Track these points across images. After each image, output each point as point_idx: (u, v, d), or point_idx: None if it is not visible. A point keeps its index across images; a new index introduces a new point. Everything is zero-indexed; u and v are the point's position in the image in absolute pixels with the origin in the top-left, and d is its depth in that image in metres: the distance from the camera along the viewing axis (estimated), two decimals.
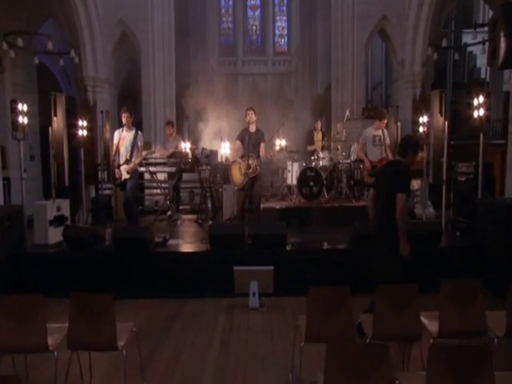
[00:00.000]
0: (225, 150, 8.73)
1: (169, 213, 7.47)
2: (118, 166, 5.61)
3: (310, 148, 7.65)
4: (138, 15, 9.51)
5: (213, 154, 7.23)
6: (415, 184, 8.44)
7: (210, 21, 22.41)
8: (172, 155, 7.08)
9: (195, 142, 10.12)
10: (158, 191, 7.88)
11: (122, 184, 5.60)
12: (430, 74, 9.30)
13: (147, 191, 8.86)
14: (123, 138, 5.63)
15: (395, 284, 2.65)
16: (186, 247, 5.26)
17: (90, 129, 7.60)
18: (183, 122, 13.36)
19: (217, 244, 4.95)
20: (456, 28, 9.75)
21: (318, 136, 7.81)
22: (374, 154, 5.74)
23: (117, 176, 5.58)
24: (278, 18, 25.70)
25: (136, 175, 5.70)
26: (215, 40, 23.09)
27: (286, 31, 25.63)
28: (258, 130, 5.81)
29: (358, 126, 8.47)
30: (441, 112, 5.61)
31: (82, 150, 7.11)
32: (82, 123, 7.04)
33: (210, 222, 7.00)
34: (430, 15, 8.71)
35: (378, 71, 12.16)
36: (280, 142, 7.46)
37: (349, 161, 7.36)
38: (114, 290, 4.86)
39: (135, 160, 5.57)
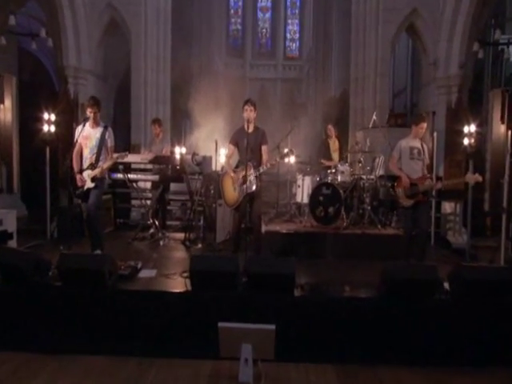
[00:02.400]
0: (222, 157, 7.59)
1: (151, 230, 6.27)
2: (81, 172, 4.40)
3: (325, 163, 6.38)
4: None
5: (206, 160, 6.03)
6: (448, 207, 7.19)
7: (218, 21, 21.41)
8: (155, 160, 5.87)
9: (191, 147, 8.99)
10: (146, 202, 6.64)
11: (84, 194, 4.38)
12: (468, 77, 8.06)
13: (134, 202, 7.64)
14: (87, 137, 4.44)
15: None
16: (160, 283, 4.00)
17: (59, 124, 6.46)
18: (180, 124, 12.22)
19: (200, 283, 3.71)
20: (495, 23, 8.54)
21: (335, 145, 6.57)
22: (412, 170, 4.50)
23: (78, 184, 4.38)
24: (289, 21, 24.78)
25: (103, 184, 4.49)
26: (222, 41, 22.10)
27: (297, 35, 24.70)
28: (257, 128, 4.53)
29: (382, 135, 7.24)
30: (503, 119, 4.36)
31: (47, 150, 5.95)
32: (49, 117, 5.89)
33: (200, 245, 5.81)
34: (472, 9, 7.53)
35: (401, 76, 10.96)
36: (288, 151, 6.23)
37: (373, 176, 6.12)
38: (55, 340, 3.71)
39: (103, 164, 4.37)
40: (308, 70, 20.33)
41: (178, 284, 3.93)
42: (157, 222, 6.20)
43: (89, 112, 4.36)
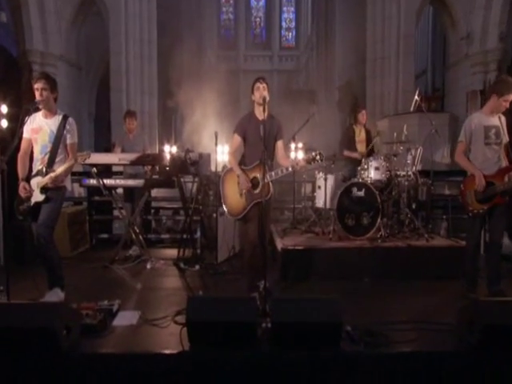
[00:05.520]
0: (222, 156, 6.49)
1: (132, 249, 5.11)
2: (27, 179, 3.22)
3: (349, 155, 5.26)
4: None
5: (203, 159, 4.85)
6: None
7: (208, 10, 20.14)
8: (139, 160, 4.68)
9: (181, 146, 7.88)
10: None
11: (32, 211, 3.19)
12: (508, 52, 6.94)
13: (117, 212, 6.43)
14: (38, 130, 3.26)
15: None
16: (143, 337, 2.82)
17: (22, 120, 5.24)
18: (169, 120, 11.05)
19: (201, 338, 2.55)
20: None
21: (361, 135, 5.43)
22: (487, 161, 3.36)
23: (22, 195, 3.18)
24: (285, 8, 23.59)
25: (59, 196, 3.28)
26: (214, 32, 20.86)
27: (293, 24, 23.53)
28: (271, 117, 3.42)
29: (412, 122, 6.12)
30: None
31: None
32: None
33: (197, 267, 4.64)
34: None
35: (421, 56, 9.81)
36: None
37: (410, 173, 4.98)
38: None
39: (58, 168, 3.18)
40: (307, 60, 19.20)
41: (169, 338, 2.75)
42: (141, 238, 5.02)
43: (36, 90, 3.16)
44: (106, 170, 5.69)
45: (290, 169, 3.31)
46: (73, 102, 7.86)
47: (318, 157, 3.21)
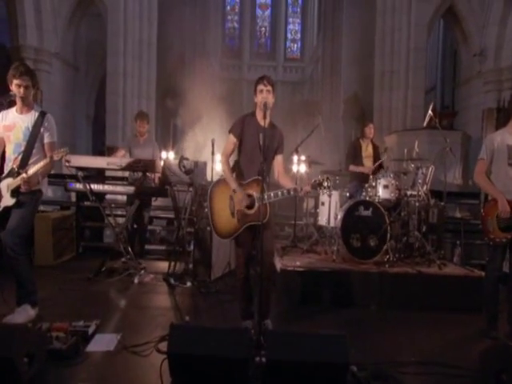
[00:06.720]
0: (220, 164, 6.20)
1: (122, 260, 4.78)
2: None
3: (354, 169, 5.01)
4: None
5: (199, 168, 4.56)
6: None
7: (213, 18, 20.09)
8: (129, 166, 4.38)
9: (180, 151, 7.60)
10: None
11: (1, 217, 2.87)
12: None
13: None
14: (11, 127, 2.96)
15: None
16: (119, 368, 2.49)
17: None
18: (167, 126, 10.80)
19: (184, 375, 2.23)
20: None
21: (368, 150, 5.17)
22: (510, 183, 3.07)
23: None
24: (290, 19, 23.63)
25: (34, 201, 2.97)
26: (218, 40, 20.76)
27: (299, 36, 23.54)
28: (273, 126, 3.00)
29: (422, 139, 5.86)
30: None
31: None
32: None
33: (189, 284, 4.32)
34: None
35: (430, 72, 9.64)
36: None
37: (420, 192, 4.69)
38: None
39: (32, 169, 2.87)
40: (312, 72, 19.12)
41: (149, 370, 2.42)
42: (130, 249, 4.69)
43: (17, 86, 2.86)
44: (100, 175, 5.40)
45: (292, 192, 2.85)
46: (67, 103, 7.62)
47: (325, 183, 2.78)
